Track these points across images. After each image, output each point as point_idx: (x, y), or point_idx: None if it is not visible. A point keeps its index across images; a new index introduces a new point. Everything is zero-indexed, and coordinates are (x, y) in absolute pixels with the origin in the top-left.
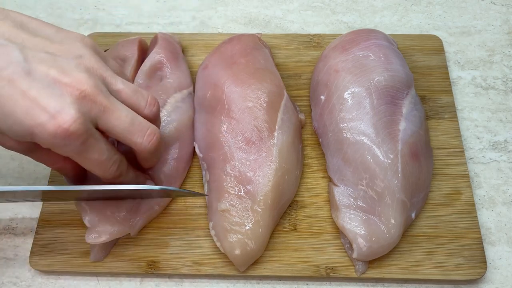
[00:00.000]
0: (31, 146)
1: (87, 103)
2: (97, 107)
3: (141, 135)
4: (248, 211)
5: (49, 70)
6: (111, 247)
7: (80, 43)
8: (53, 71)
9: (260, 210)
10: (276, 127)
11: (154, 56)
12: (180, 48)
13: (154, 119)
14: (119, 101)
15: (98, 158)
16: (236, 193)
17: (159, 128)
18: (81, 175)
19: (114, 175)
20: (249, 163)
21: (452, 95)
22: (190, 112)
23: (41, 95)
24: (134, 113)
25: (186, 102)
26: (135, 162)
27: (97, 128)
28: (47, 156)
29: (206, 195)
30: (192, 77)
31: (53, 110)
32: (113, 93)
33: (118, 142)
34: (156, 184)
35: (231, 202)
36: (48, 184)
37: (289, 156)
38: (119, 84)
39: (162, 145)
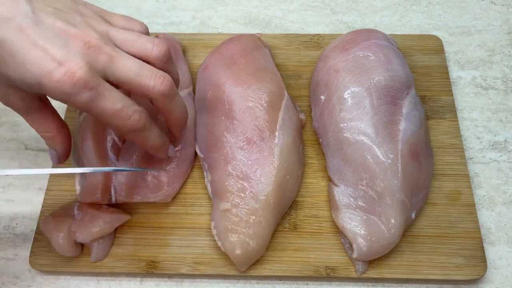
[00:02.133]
0: (32, 105)
1: (93, 54)
2: (103, 57)
3: (151, 77)
4: (250, 211)
5: (56, 22)
6: (111, 247)
7: (82, 5)
8: (59, 23)
9: (262, 210)
10: (277, 127)
11: None
12: (180, 48)
13: (165, 61)
14: (126, 51)
15: (113, 106)
16: (238, 193)
17: (177, 75)
18: (68, 151)
19: (137, 125)
20: (251, 163)
21: (452, 95)
22: (191, 112)
23: (49, 45)
24: (142, 61)
25: (187, 101)
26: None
27: (108, 82)
28: (43, 121)
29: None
30: (193, 77)
31: (60, 58)
32: (119, 45)
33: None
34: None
35: (233, 202)
36: (48, 184)
37: (291, 156)
38: (122, 33)
39: (180, 97)
